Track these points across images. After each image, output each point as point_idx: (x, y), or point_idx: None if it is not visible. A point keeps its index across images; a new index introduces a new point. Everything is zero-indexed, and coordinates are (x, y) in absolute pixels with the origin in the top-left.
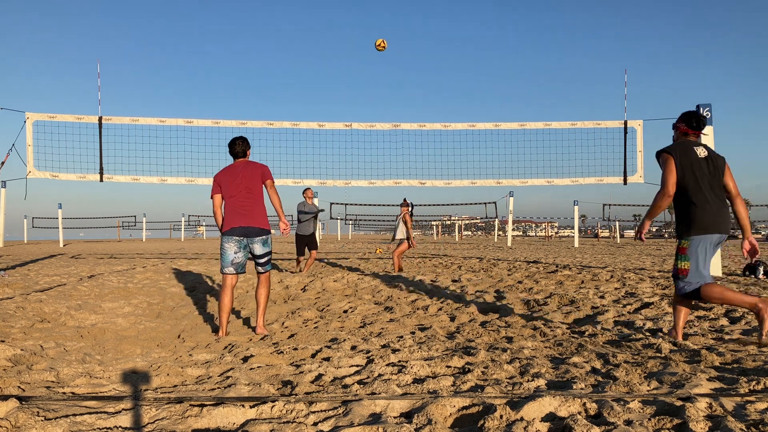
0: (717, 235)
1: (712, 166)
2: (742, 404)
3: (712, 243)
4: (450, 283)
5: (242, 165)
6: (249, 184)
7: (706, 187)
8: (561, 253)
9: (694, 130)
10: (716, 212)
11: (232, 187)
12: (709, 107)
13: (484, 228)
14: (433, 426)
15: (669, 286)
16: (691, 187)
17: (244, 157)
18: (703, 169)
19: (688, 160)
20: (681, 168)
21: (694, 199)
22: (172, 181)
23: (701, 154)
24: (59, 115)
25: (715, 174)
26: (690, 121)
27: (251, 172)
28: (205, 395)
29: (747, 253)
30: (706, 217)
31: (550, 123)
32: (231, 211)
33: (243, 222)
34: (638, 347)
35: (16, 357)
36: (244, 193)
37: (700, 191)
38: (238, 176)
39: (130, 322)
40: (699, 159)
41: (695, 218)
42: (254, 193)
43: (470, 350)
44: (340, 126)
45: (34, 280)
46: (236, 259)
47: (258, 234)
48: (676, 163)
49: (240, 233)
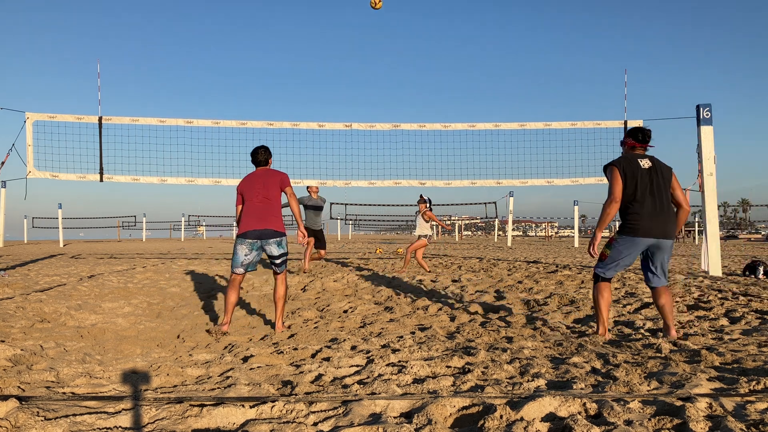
0: (649, 239)
1: (656, 175)
2: (742, 404)
3: (643, 245)
4: (450, 283)
5: (262, 173)
6: (267, 191)
7: (646, 194)
8: (561, 253)
9: (640, 143)
10: (652, 218)
11: (250, 193)
12: (709, 107)
13: (484, 228)
14: (433, 426)
15: (669, 285)
16: (631, 195)
17: (266, 166)
18: (645, 179)
19: (632, 170)
20: (624, 177)
21: (633, 205)
22: (172, 181)
23: (645, 165)
24: (59, 115)
25: (658, 183)
26: (636, 136)
27: (271, 180)
28: (205, 395)
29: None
30: (640, 222)
31: (550, 123)
32: (246, 214)
33: (258, 225)
34: (638, 347)
35: (16, 357)
36: (261, 199)
37: (638, 199)
38: (257, 183)
39: (130, 322)
40: (642, 169)
41: (630, 222)
42: (271, 199)
43: (470, 350)
44: (340, 126)
45: (34, 280)
46: (246, 260)
47: (273, 236)
48: (621, 173)
49: (254, 236)
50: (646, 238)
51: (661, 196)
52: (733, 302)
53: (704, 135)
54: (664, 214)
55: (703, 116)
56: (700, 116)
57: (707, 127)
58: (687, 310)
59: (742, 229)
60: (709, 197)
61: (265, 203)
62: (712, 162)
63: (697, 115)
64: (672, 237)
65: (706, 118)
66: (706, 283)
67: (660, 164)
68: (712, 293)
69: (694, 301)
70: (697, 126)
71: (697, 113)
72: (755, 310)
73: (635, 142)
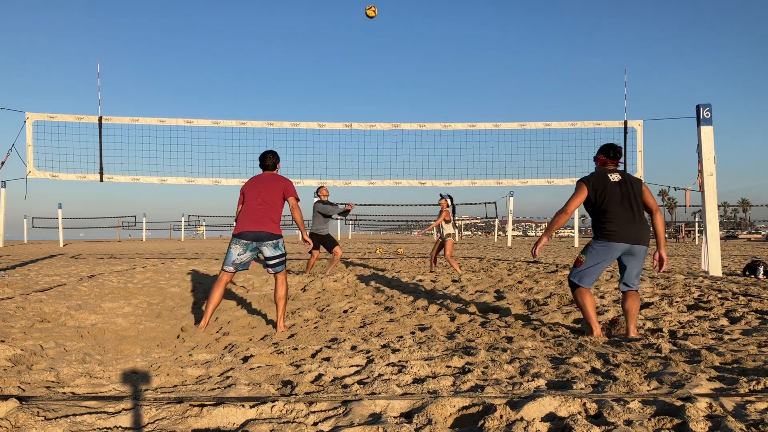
0: (623, 244)
1: (626, 188)
2: (742, 404)
3: (618, 250)
4: (450, 283)
5: (267, 177)
6: (267, 195)
7: (617, 205)
8: (561, 253)
9: (611, 159)
10: (623, 226)
11: (251, 195)
12: (709, 107)
13: (484, 228)
14: (433, 426)
15: (669, 286)
16: (604, 206)
17: (273, 170)
18: (615, 190)
19: (602, 185)
20: (594, 192)
21: (605, 215)
22: (172, 181)
23: (614, 179)
24: (59, 115)
25: (629, 194)
26: (607, 152)
27: (274, 185)
28: (205, 395)
29: (656, 262)
30: (612, 229)
31: (550, 123)
32: (243, 215)
33: (254, 227)
34: (638, 347)
35: (16, 357)
36: (260, 202)
37: (610, 209)
38: (259, 186)
39: (130, 322)
40: (612, 183)
41: (603, 229)
42: (269, 203)
43: (470, 350)
44: (340, 126)
45: (34, 280)
46: (238, 260)
47: (269, 238)
48: (589, 189)
49: (250, 237)
50: (620, 243)
51: (632, 205)
52: (733, 302)
53: (704, 135)
54: (636, 222)
55: (703, 116)
56: (700, 116)
57: (707, 127)
58: (687, 310)
59: (742, 229)
60: (709, 197)
61: (264, 206)
62: (712, 162)
63: (697, 115)
64: (645, 243)
65: (706, 118)
66: (706, 283)
67: (629, 177)
68: (712, 293)
69: (694, 301)
70: (697, 126)
71: (697, 113)
72: (755, 310)
73: (606, 158)
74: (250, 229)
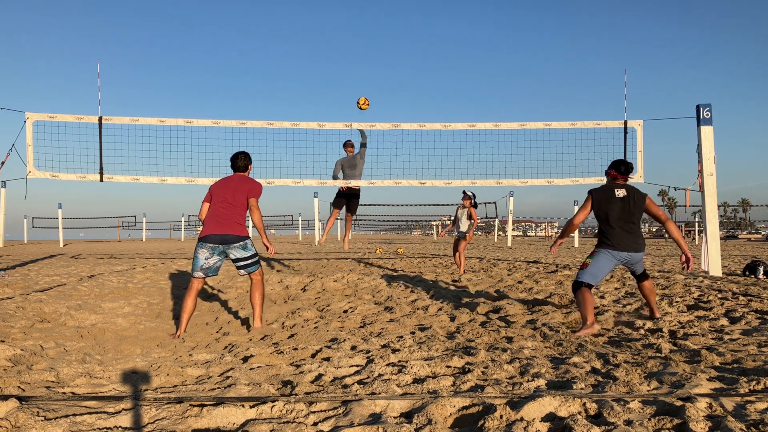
0: (624, 252)
1: (628, 204)
2: (742, 404)
3: (619, 258)
4: (450, 283)
5: (237, 179)
6: (233, 197)
7: (616, 219)
8: (561, 253)
9: (621, 174)
10: (621, 236)
11: (217, 197)
12: (709, 107)
13: (484, 228)
14: (433, 426)
15: (669, 285)
16: (605, 218)
17: (245, 172)
18: (617, 206)
19: (606, 198)
20: (598, 204)
21: (605, 226)
22: (172, 181)
23: (619, 194)
24: (59, 115)
25: (630, 210)
26: (618, 168)
27: (241, 187)
28: (205, 395)
29: (683, 263)
30: (612, 239)
31: (550, 123)
32: (209, 218)
33: (219, 230)
34: (638, 347)
35: (16, 357)
36: (225, 205)
37: (611, 222)
38: (227, 188)
39: (130, 322)
40: (615, 198)
41: (606, 238)
42: (235, 205)
43: (470, 350)
44: (340, 126)
45: (34, 280)
46: (206, 264)
47: (235, 240)
48: (594, 201)
49: (216, 240)
50: (621, 252)
51: (630, 219)
52: (733, 302)
53: (704, 135)
54: (633, 233)
55: (703, 116)
56: (700, 116)
57: (707, 127)
58: (687, 310)
59: (742, 229)
60: (709, 197)
61: (228, 209)
62: (712, 162)
63: (697, 115)
64: (641, 250)
65: (706, 118)
66: (706, 283)
67: (634, 192)
68: (712, 293)
69: (694, 301)
70: (697, 126)
71: (697, 113)
72: (755, 310)
73: (617, 173)
74: (216, 232)
